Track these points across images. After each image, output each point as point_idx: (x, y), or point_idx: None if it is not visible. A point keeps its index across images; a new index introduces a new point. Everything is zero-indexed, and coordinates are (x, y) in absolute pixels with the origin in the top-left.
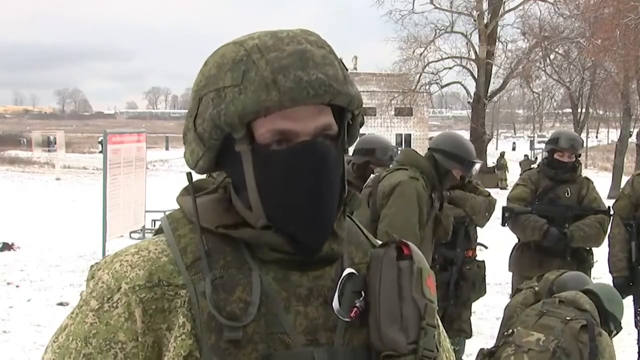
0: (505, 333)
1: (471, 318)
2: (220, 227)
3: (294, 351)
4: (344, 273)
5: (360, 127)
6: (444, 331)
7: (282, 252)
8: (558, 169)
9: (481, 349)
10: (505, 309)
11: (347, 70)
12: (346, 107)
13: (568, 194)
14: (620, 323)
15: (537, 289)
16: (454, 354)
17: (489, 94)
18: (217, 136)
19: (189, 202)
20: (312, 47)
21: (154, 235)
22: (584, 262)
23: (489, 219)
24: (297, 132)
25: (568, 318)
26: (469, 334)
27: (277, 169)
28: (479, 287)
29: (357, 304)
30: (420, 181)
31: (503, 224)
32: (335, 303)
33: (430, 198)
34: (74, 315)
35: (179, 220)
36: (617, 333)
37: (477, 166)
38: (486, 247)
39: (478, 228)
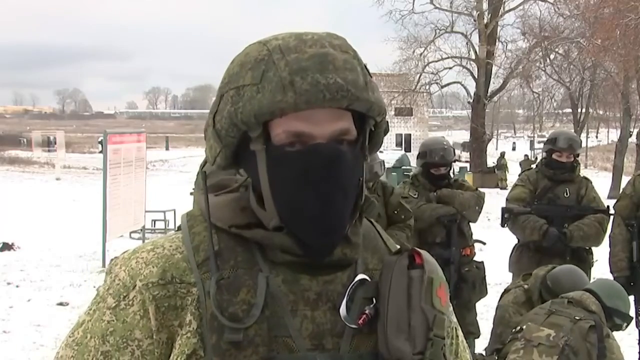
0: (514, 330)
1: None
2: (233, 227)
3: (297, 355)
4: (356, 279)
5: (385, 134)
6: (464, 341)
7: (292, 254)
8: (556, 169)
9: (480, 353)
10: (496, 309)
11: (370, 76)
12: (366, 113)
13: (567, 194)
14: (628, 314)
15: (526, 286)
16: None
17: (489, 94)
18: (233, 134)
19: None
20: (334, 51)
21: (176, 231)
22: (584, 262)
23: (480, 213)
24: (312, 135)
25: (577, 318)
26: (477, 334)
27: (289, 170)
28: (479, 288)
29: (367, 311)
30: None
31: (502, 225)
32: (343, 309)
33: None
34: (91, 312)
35: (196, 218)
36: (628, 325)
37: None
38: (484, 244)
39: (478, 229)
